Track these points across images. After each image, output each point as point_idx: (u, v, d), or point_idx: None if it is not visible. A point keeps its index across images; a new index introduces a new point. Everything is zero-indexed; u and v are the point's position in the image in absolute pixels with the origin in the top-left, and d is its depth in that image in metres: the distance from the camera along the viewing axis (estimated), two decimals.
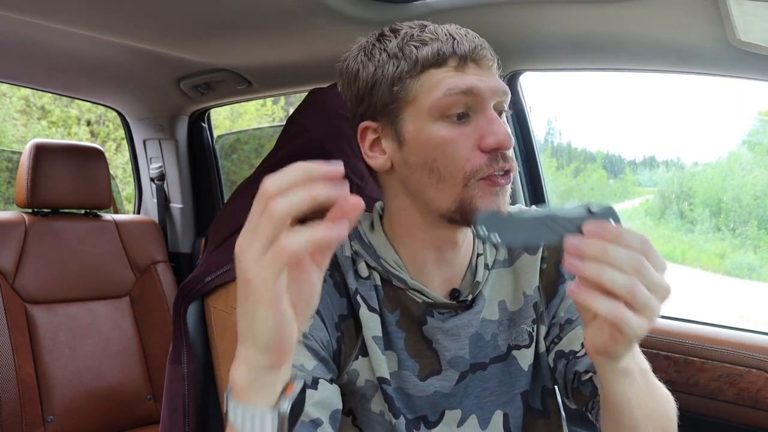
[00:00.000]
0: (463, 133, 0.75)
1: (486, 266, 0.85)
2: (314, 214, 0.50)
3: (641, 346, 0.83)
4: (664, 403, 0.71)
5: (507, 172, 0.76)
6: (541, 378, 0.87)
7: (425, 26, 0.79)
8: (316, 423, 0.73)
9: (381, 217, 0.87)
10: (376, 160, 0.81)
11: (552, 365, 0.86)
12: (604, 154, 2.55)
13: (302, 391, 0.58)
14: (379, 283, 0.84)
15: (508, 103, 0.79)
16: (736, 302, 2.18)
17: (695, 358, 1.23)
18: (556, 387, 0.88)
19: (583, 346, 0.83)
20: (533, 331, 0.85)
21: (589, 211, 0.58)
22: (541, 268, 0.87)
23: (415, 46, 0.77)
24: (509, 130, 0.75)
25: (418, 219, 0.81)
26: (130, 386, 1.88)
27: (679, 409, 0.72)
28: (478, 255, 0.86)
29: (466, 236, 0.84)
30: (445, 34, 0.77)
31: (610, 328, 0.57)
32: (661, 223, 2.46)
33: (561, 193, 2.59)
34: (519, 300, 0.86)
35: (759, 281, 2.14)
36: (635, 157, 2.43)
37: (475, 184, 0.75)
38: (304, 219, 0.50)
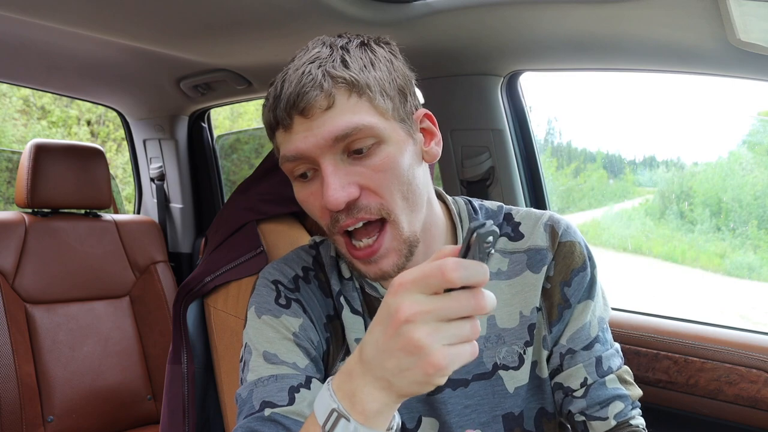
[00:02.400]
0: (311, 192, 0.75)
1: None
2: None
3: (642, 346, 0.83)
4: None
5: (380, 232, 0.72)
6: (539, 400, 0.84)
7: (277, 77, 0.75)
8: None
9: None
10: None
11: (552, 391, 0.84)
12: (604, 154, 2.55)
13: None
14: (359, 286, 0.84)
15: (373, 135, 0.71)
16: (736, 302, 2.18)
17: (695, 358, 1.23)
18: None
19: (581, 385, 0.80)
20: (524, 353, 0.81)
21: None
22: (543, 287, 0.82)
23: (263, 113, 0.77)
24: (335, 190, 0.69)
25: None
26: (130, 386, 1.88)
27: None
28: None
29: (420, 258, 0.77)
30: (274, 93, 0.73)
31: None
32: (661, 223, 2.46)
33: (561, 193, 2.59)
34: (513, 318, 0.81)
35: (759, 281, 2.14)
36: (635, 157, 2.43)
37: (339, 239, 0.75)
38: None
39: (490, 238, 0.51)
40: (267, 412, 0.72)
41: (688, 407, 1.24)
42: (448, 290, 0.51)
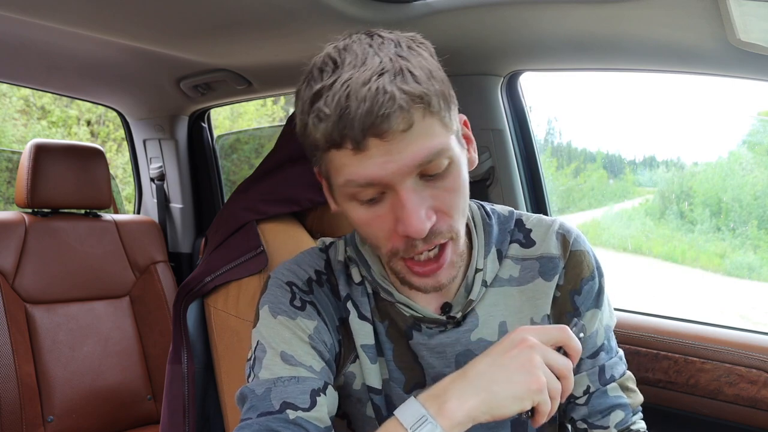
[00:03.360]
0: (377, 215, 0.69)
1: (484, 283, 0.81)
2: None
3: (642, 346, 0.84)
4: None
5: (442, 246, 0.71)
6: None
7: (330, 85, 0.65)
8: (328, 429, 0.74)
9: None
10: (330, 202, 0.78)
11: None
12: (604, 154, 2.55)
13: None
14: (370, 291, 0.83)
15: (448, 156, 0.67)
16: (736, 302, 2.18)
17: (695, 358, 1.23)
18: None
19: (584, 393, 0.83)
20: None
21: None
22: (554, 295, 0.83)
23: (314, 123, 0.66)
24: (420, 220, 0.66)
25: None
26: (130, 386, 1.88)
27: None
28: (477, 271, 0.81)
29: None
30: (338, 107, 0.63)
31: None
32: (661, 223, 2.46)
33: (561, 193, 2.59)
34: (524, 325, 0.81)
35: (759, 281, 2.14)
36: (635, 157, 2.43)
37: (398, 262, 0.72)
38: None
39: (582, 335, 0.74)
40: (291, 414, 0.72)
41: (688, 407, 1.24)
42: None
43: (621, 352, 0.87)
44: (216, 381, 1.17)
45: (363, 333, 0.81)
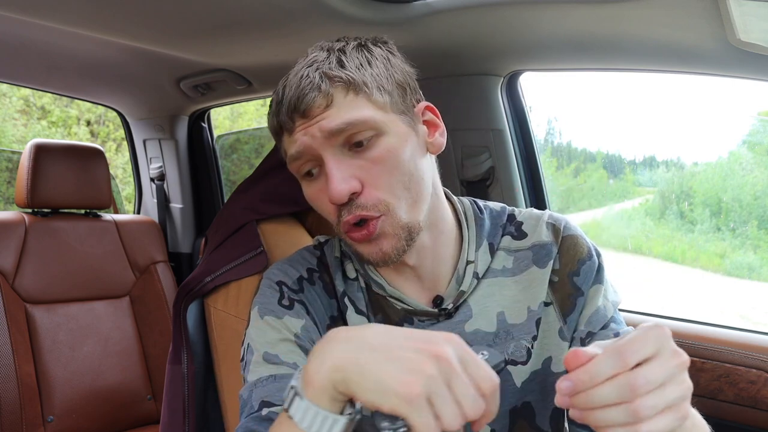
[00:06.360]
0: (318, 189, 0.76)
1: (476, 275, 0.82)
2: None
3: None
4: None
5: (367, 221, 0.73)
6: (553, 397, 0.84)
7: (282, 82, 0.79)
8: None
9: None
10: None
11: None
12: (604, 154, 2.55)
13: None
14: (364, 285, 0.84)
15: (372, 128, 0.73)
16: (736, 302, 2.18)
17: (695, 358, 1.23)
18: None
19: None
20: (532, 348, 0.81)
21: None
22: (551, 281, 0.83)
23: (268, 119, 0.81)
24: (338, 183, 0.71)
25: None
26: (130, 386, 1.88)
27: None
28: (468, 263, 0.82)
29: (427, 253, 0.80)
30: (277, 99, 0.77)
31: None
32: (661, 223, 2.46)
33: (561, 193, 2.59)
34: (521, 314, 0.82)
35: (759, 281, 2.14)
36: (635, 157, 2.43)
37: (344, 236, 0.77)
38: None
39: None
40: (264, 411, 0.73)
41: None
42: None
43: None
44: (216, 381, 1.17)
45: None
